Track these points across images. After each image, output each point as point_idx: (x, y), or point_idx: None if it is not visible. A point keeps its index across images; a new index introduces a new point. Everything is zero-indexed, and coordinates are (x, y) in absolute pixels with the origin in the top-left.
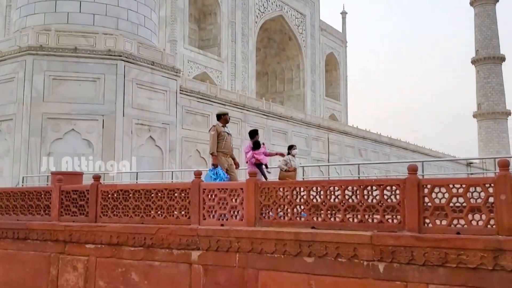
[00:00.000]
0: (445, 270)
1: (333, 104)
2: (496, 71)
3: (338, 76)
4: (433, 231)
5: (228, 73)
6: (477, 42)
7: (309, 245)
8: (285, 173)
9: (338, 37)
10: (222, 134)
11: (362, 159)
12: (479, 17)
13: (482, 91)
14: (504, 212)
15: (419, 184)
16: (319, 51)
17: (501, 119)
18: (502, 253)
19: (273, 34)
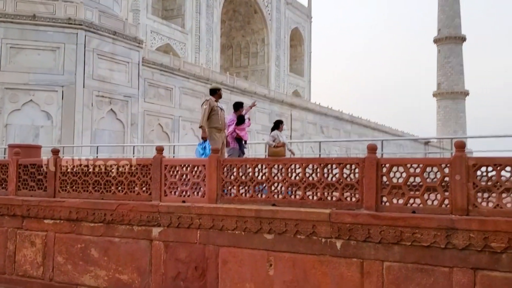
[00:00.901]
0: (400, 248)
1: (297, 80)
2: (457, 51)
3: (302, 51)
4: (390, 210)
5: (192, 46)
6: (439, 21)
7: (270, 222)
8: (274, 149)
9: (303, 12)
10: (215, 109)
11: (324, 136)
12: None
13: (442, 71)
14: (458, 192)
15: (377, 163)
16: (284, 26)
17: (459, 99)
18: (455, 232)
19: (239, 7)
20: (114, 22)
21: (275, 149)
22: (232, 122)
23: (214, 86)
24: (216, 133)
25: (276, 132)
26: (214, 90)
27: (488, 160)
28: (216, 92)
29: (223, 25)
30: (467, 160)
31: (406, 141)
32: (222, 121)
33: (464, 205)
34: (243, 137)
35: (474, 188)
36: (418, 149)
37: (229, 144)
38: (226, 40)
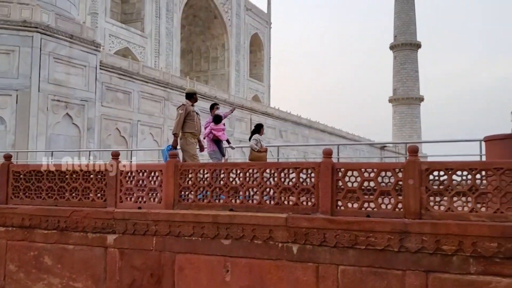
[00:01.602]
0: (354, 252)
1: (257, 85)
2: (412, 58)
3: (262, 57)
4: (345, 214)
5: (152, 50)
6: (395, 28)
7: (227, 227)
8: (257, 154)
9: (263, 17)
10: (191, 114)
11: (283, 140)
12: (398, 3)
13: (398, 77)
14: (411, 196)
15: (333, 168)
16: (244, 31)
17: (414, 104)
18: (408, 235)
19: (199, 11)
20: (71, 25)
21: (258, 154)
22: (208, 124)
23: (190, 89)
24: (191, 138)
25: (259, 136)
26: (190, 94)
27: (440, 164)
28: (192, 96)
29: (183, 30)
30: (420, 164)
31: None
32: (198, 127)
33: (417, 209)
34: (220, 137)
35: (427, 192)
36: (374, 153)
37: (203, 148)
38: (186, 44)
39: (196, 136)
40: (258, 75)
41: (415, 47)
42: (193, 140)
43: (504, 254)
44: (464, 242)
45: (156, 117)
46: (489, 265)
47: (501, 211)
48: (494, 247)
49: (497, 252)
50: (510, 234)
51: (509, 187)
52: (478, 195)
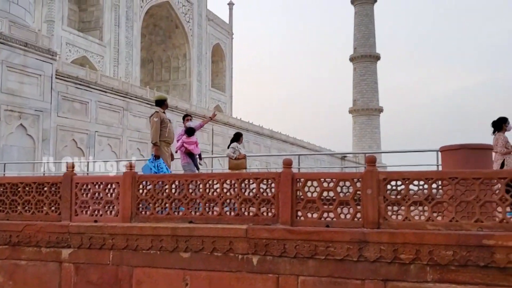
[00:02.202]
0: (314, 262)
1: (219, 95)
2: (372, 69)
3: (224, 67)
4: (305, 224)
5: (111, 59)
6: (355, 40)
7: (186, 240)
8: (235, 161)
9: (225, 28)
10: (165, 122)
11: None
12: (358, 16)
13: (358, 88)
14: (369, 206)
15: (293, 178)
16: (206, 41)
17: (374, 115)
18: (366, 245)
19: (159, 21)
20: (26, 33)
21: (236, 161)
22: (180, 137)
23: (159, 96)
24: (165, 146)
25: (236, 144)
26: (161, 101)
27: (397, 174)
28: (163, 103)
29: (144, 39)
30: (377, 174)
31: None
32: (171, 134)
33: (375, 218)
34: (193, 150)
35: (385, 202)
36: (335, 163)
37: (173, 157)
38: (147, 54)
39: (169, 145)
40: (220, 85)
41: (374, 59)
42: (166, 148)
43: (459, 261)
44: (421, 251)
45: (114, 127)
46: (445, 273)
47: (456, 219)
48: (450, 255)
49: (452, 260)
50: (464, 242)
51: (463, 196)
52: (434, 204)
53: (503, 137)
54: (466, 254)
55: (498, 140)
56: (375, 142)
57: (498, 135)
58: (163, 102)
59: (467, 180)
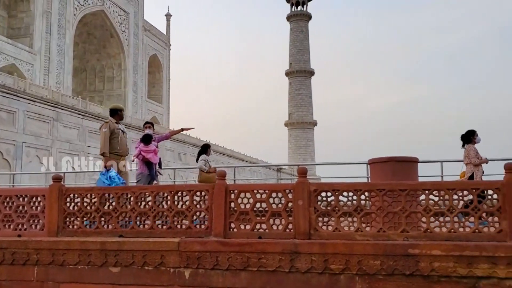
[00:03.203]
0: (246, 274)
1: (155, 107)
2: (306, 84)
3: (161, 78)
4: (238, 236)
5: (41, 67)
6: (291, 55)
7: (116, 254)
8: (207, 175)
9: (162, 39)
10: (116, 132)
11: (181, 163)
12: (293, 32)
13: (293, 102)
14: (300, 216)
15: (226, 190)
16: (142, 52)
17: (308, 128)
18: (298, 255)
19: (94, 30)
20: None
21: (208, 175)
22: (138, 144)
23: (114, 106)
24: (116, 159)
25: (206, 157)
26: (114, 111)
27: (328, 185)
28: (116, 113)
29: (77, 48)
30: (308, 185)
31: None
32: (123, 146)
33: (306, 229)
34: (151, 159)
35: (316, 213)
36: (271, 175)
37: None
38: (80, 63)
39: (120, 157)
40: (157, 96)
41: (309, 74)
42: (117, 161)
43: (386, 271)
44: (351, 261)
45: (43, 138)
46: (373, 282)
47: (383, 230)
48: (378, 264)
49: (380, 269)
50: (391, 252)
51: (390, 207)
52: (363, 215)
53: (474, 148)
54: (393, 263)
55: (470, 152)
56: (310, 154)
57: (468, 147)
58: (117, 112)
59: (394, 192)
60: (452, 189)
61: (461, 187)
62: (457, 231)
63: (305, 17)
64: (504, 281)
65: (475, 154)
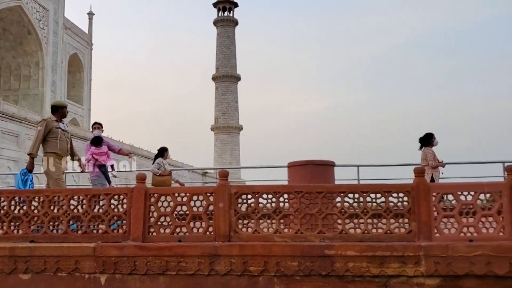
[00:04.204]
0: (165, 278)
1: (76, 108)
2: (233, 89)
3: (82, 78)
4: (157, 240)
5: None
6: (218, 60)
7: (26, 260)
8: (160, 178)
9: (83, 38)
10: (54, 131)
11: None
12: (220, 37)
13: (220, 106)
14: (221, 219)
15: (146, 193)
16: (62, 50)
17: (234, 133)
18: (217, 258)
19: (9, 26)
20: None
21: (160, 178)
22: (88, 147)
23: (55, 102)
24: (56, 159)
25: (161, 160)
26: (55, 108)
27: (248, 188)
28: (57, 110)
29: None
30: (229, 188)
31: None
32: (64, 146)
33: (226, 231)
34: (104, 162)
35: (236, 215)
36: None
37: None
38: None
39: (61, 157)
40: (77, 97)
41: (235, 80)
42: (57, 162)
43: (304, 272)
44: (269, 262)
45: None
46: (291, 283)
47: (301, 231)
48: (295, 265)
49: (297, 271)
50: (308, 253)
51: (307, 209)
52: (282, 217)
53: (431, 151)
54: (310, 264)
55: (427, 155)
56: (235, 158)
57: (426, 149)
58: (57, 109)
59: (311, 194)
60: (365, 192)
61: (374, 190)
62: (371, 232)
63: (231, 23)
64: (412, 279)
65: (433, 157)
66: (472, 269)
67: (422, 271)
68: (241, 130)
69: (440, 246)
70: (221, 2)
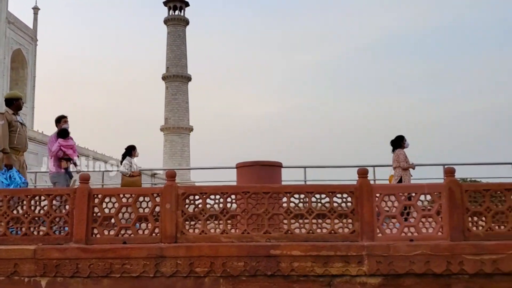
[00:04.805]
0: (109, 281)
1: None
2: (183, 89)
3: (25, 75)
4: (101, 242)
5: None
6: (168, 59)
7: None
8: (129, 179)
9: (28, 33)
10: (13, 125)
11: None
12: (171, 36)
13: (170, 107)
14: (167, 220)
15: (89, 194)
16: (4, 46)
17: (184, 134)
18: (163, 260)
19: None
20: None
21: (130, 179)
22: (54, 139)
23: (10, 94)
24: (13, 154)
25: (130, 159)
26: (10, 100)
27: (196, 189)
28: (12, 103)
29: None
30: (177, 189)
31: None
32: (22, 140)
33: (173, 232)
34: (71, 155)
35: (183, 216)
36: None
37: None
38: None
39: (19, 152)
40: None
41: (186, 80)
42: (16, 157)
43: (250, 272)
44: (215, 263)
45: None
46: (237, 283)
47: (247, 231)
48: (241, 266)
49: (243, 271)
50: (254, 253)
51: (254, 209)
52: (229, 217)
53: (403, 152)
54: (256, 264)
55: (399, 156)
56: (185, 160)
57: (398, 151)
58: (12, 101)
59: (258, 194)
60: (311, 192)
61: (319, 190)
62: (315, 232)
63: (182, 22)
64: (355, 278)
65: (404, 158)
66: (412, 268)
67: (365, 270)
68: (191, 131)
69: (382, 246)
70: (171, 1)
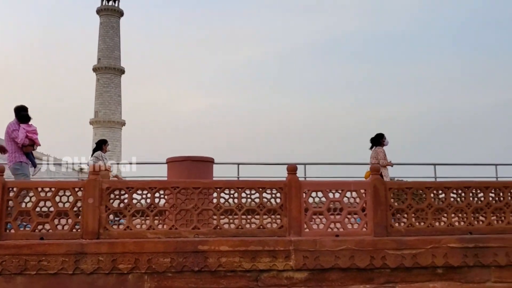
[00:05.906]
0: (23, 278)
1: None
2: (116, 82)
3: None
4: (15, 238)
5: None
6: (100, 50)
7: None
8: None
9: None
10: None
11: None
12: (103, 27)
13: (101, 99)
14: (90, 215)
15: (4, 187)
16: None
17: (116, 128)
18: (84, 256)
19: None
20: None
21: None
22: (16, 126)
23: None
24: None
25: (100, 153)
26: None
27: (122, 183)
28: None
29: None
30: (100, 183)
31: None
32: None
33: (95, 228)
34: (36, 141)
35: (107, 211)
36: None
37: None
38: None
39: None
40: None
41: (118, 72)
42: None
43: (176, 268)
44: (140, 260)
45: None
46: (162, 280)
47: (175, 227)
48: (168, 262)
49: (170, 267)
50: (181, 249)
51: (183, 204)
52: (156, 212)
53: (383, 150)
54: (183, 260)
55: (379, 153)
56: (116, 155)
57: (377, 149)
58: None
59: (188, 190)
60: (241, 188)
61: (249, 186)
62: (244, 227)
63: (116, 13)
64: (282, 273)
65: (384, 156)
66: (337, 263)
67: (291, 265)
68: (123, 125)
69: (309, 241)
70: None
